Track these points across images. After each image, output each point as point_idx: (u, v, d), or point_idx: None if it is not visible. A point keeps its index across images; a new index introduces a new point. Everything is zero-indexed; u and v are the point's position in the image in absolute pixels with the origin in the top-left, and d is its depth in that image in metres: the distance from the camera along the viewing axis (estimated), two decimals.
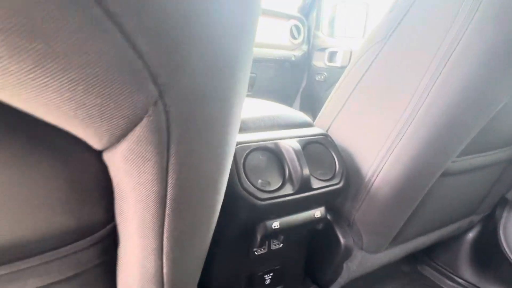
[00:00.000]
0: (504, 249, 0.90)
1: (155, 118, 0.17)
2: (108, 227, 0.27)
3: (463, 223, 0.81)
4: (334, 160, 0.49)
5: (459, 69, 0.38)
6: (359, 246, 0.59)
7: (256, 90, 1.51)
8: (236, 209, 0.41)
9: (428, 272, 1.01)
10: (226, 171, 0.28)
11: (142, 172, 0.19)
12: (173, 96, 0.17)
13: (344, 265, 0.61)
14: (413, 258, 1.00)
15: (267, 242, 0.50)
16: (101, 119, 0.15)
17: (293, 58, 1.51)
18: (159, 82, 0.16)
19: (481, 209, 0.81)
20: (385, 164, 0.48)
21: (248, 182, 0.40)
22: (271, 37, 1.47)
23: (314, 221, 0.48)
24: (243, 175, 0.40)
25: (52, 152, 0.21)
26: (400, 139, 0.45)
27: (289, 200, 0.43)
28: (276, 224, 0.44)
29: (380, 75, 0.48)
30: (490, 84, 0.39)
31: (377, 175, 0.50)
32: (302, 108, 1.70)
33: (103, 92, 0.14)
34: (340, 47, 1.46)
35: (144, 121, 0.17)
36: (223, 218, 0.43)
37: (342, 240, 0.58)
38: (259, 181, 0.42)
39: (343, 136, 0.55)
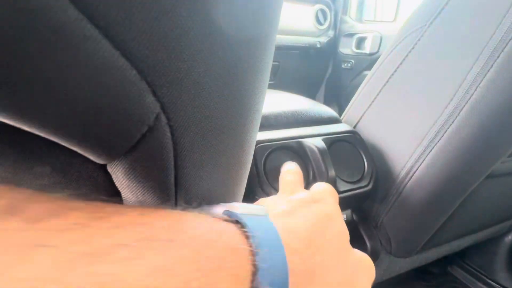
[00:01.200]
0: None
1: (158, 132, 0.14)
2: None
3: (504, 225, 0.74)
4: (363, 160, 0.46)
5: (507, 70, 0.33)
6: (387, 250, 0.55)
7: (279, 79, 1.46)
8: None
9: (460, 274, 0.95)
10: (244, 179, 0.25)
11: (146, 190, 0.17)
12: (177, 108, 0.14)
13: None
14: (444, 258, 0.94)
15: None
16: (98, 139, 0.13)
17: (318, 45, 1.44)
18: (160, 94, 0.13)
19: None
20: (420, 165, 0.44)
21: (269, 184, 0.38)
22: (295, 23, 1.40)
23: None
24: (263, 177, 0.38)
25: (53, 164, 0.19)
26: (440, 138, 0.41)
27: None
28: None
29: (419, 66, 0.43)
30: None
31: (411, 177, 0.46)
32: (327, 98, 1.64)
33: (103, 109, 0.12)
34: (369, 32, 1.37)
35: (147, 136, 0.14)
36: None
37: (368, 243, 0.55)
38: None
39: (373, 133, 0.51)
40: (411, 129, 0.44)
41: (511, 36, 0.32)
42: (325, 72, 1.58)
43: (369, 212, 0.54)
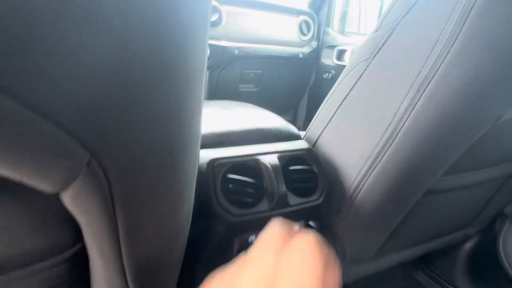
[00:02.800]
0: (503, 262, 0.88)
1: (91, 174, 0.18)
2: (77, 246, 0.29)
3: (457, 235, 0.80)
4: (316, 176, 0.50)
5: (436, 96, 0.38)
6: (342, 257, 0.60)
7: (263, 87, 1.51)
8: (213, 225, 0.43)
9: (423, 278, 1.01)
10: (186, 197, 0.29)
11: (89, 213, 0.21)
12: (107, 153, 0.18)
13: None
14: (409, 263, 1.00)
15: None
16: (36, 179, 0.17)
17: (301, 55, 1.50)
18: (88, 146, 0.17)
19: (477, 222, 0.80)
20: (367, 181, 0.49)
21: (224, 199, 0.42)
22: (279, 33, 1.45)
23: None
24: (219, 191, 0.42)
25: (14, 187, 0.23)
26: (381, 159, 0.46)
27: (265, 216, 0.44)
28: (252, 238, 0.46)
29: (365, 93, 0.47)
30: (471, 111, 0.39)
31: (359, 192, 0.50)
32: (309, 107, 1.69)
33: (32, 162, 0.16)
34: (350, 45, 1.43)
35: (80, 177, 0.18)
36: (200, 233, 0.45)
37: None
38: (236, 197, 0.43)
39: (330, 150, 0.55)
40: (359, 148, 0.49)
41: (433, 75, 0.37)
42: (308, 82, 1.63)
43: (326, 222, 0.58)
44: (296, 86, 1.64)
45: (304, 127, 1.77)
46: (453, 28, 0.35)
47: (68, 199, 0.20)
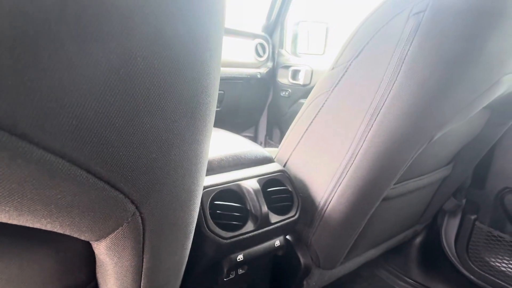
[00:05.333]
0: (446, 251, 1.03)
1: (133, 223, 0.22)
2: (89, 286, 0.31)
3: (408, 233, 0.92)
4: (290, 194, 0.56)
5: (385, 123, 0.47)
6: (316, 264, 0.67)
7: (225, 106, 1.56)
8: (203, 248, 0.46)
9: (384, 275, 1.12)
10: (193, 228, 0.33)
11: (121, 256, 0.25)
12: (149, 205, 0.22)
13: (304, 282, 0.68)
14: (371, 262, 1.10)
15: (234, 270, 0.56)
16: (80, 231, 0.20)
17: (258, 76, 1.59)
18: (136, 201, 0.21)
19: (422, 219, 0.93)
20: (334, 195, 0.56)
21: (214, 224, 0.46)
22: (237, 56, 1.53)
23: (275, 250, 0.55)
24: (209, 217, 0.46)
25: (45, 241, 0.25)
26: (344, 176, 0.53)
27: (251, 236, 0.49)
28: (240, 256, 0.50)
29: (326, 120, 0.55)
30: (411, 134, 0.48)
31: (328, 205, 0.57)
32: (269, 123, 1.78)
33: (81, 217, 0.19)
34: (302, 65, 1.55)
35: (124, 226, 0.22)
36: (191, 256, 0.48)
37: (302, 260, 0.66)
38: (224, 221, 0.47)
39: (299, 169, 0.62)
40: (325, 168, 0.56)
41: (381, 106, 0.46)
42: (266, 100, 1.73)
43: (301, 234, 0.65)
44: (256, 104, 1.72)
45: (265, 143, 1.85)
46: (393, 69, 0.44)
47: (104, 246, 0.24)
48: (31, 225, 0.19)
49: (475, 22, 0.40)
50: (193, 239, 0.44)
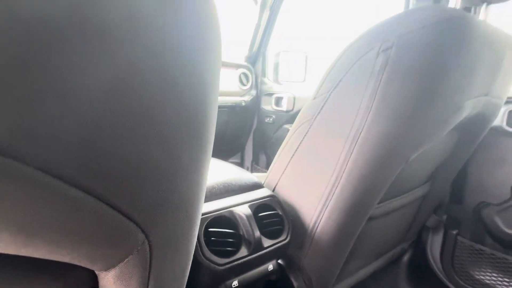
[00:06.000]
0: (433, 267, 1.05)
1: (141, 251, 0.24)
2: None
3: (396, 251, 0.95)
4: (281, 218, 0.59)
5: (365, 146, 0.51)
6: (309, 287, 0.68)
7: None
8: (199, 276, 0.47)
9: None
10: (191, 259, 0.35)
11: (128, 284, 0.26)
12: (156, 233, 0.24)
13: None
14: (362, 283, 1.11)
15: None
16: (89, 261, 0.22)
17: (243, 103, 1.64)
18: (146, 230, 0.23)
19: (408, 237, 0.96)
20: (322, 217, 0.59)
21: (209, 251, 0.47)
22: (222, 85, 1.59)
23: (268, 274, 0.56)
24: (204, 245, 0.47)
25: (51, 269, 0.27)
26: (331, 198, 0.56)
27: (245, 261, 0.50)
28: (235, 283, 0.51)
29: (311, 146, 0.59)
30: (389, 156, 0.52)
31: (317, 227, 0.60)
32: (255, 148, 1.82)
33: (91, 247, 0.21)
34: (285, 92, 1.62)
35: (134, 254, 0.24)
36: (188, 285, 0.48)
37: (294, 283, 0.66)
38: (218, 247, 0.49)
39: (288, 193, 0.65)
40: (312, 191, 0.59)
41: (360, 131, 0.50)
42: (251, 126, 1.78)
43: (293, 257, 0.66)
44: (242, 131, 1.77)
45: (252, 168, 1.87)
46: (368, 99, 0.49)
47: (112, 275, 0.25)
48: (49, 257, 0.21)
49: (435, 56, 0.46)
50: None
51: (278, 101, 1.63)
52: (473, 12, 0.75)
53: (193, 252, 0.35)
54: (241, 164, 1.91)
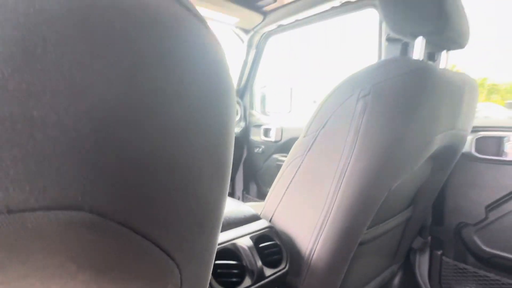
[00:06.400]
0: (422, 287, 1.10)
1: (175, 285, 0.28)
2: None
3: (386, 273, 0.99)
4: (279, 247, 0.63)
5: (351, 180, 0.57)
6: None
7: None
8: None
9: None
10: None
11: None
12: (186, 267, 0.29)
13: None
14: None
15: None
16: None
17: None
18: (180, 265, 0.28)
19: (396, 259, 1.01)
20: (317, 245, 0.64)
21: (216, 283, 0.51)
22: None
23: None
24: (211, 279, 0.51)
25: None
26: (325, 227, 0.62)
27: None
28: None
29: (303, 180, 0.65)
30: (373, 187, 0.59)
31: (313, 254, 0.65)
32: (245, 177, 1.86)
33: (144, 283, 0.26)
34: (273, 123, 1.70)
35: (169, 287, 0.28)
36: None
37: None
38: (224, 279, 0.52)
39: (284, 223, 0.70)
40: (307, 221, 0.65)
41: (346, 168, 0.57)
42: (241, 157, 1.83)
43: (291, 284, 0.70)
44: (232, 161, 1.82)
45: (243, 197, 1.91)
46: (352, 138, 0.56)
47: None
48: None
49: (404, 100, 0.55)
50: None
51: (266, 132, 1.71)
52: (436, 57, 0.86)
53: (208, 285, 0.40)
54: (232, 194, 1.94)
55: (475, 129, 0.96)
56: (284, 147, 1.63)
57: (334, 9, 1.28)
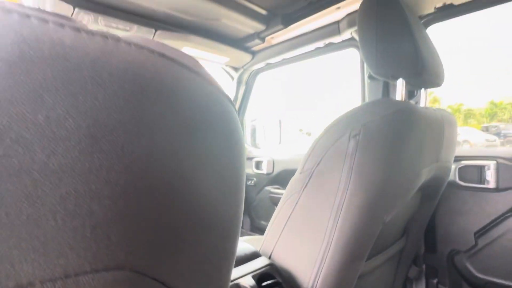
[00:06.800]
0: None
1: None
2: None
3: None
4: (281, 285, 0.64)
5: (348, 215, 0.60)
6: None
7: None
8: None
9: None
10: None
11: None
12: None
13: None
14: None
15: None
16: None
17: None
18: None
19: None
20: (318, 280, 0.64)
21: None
22: None
23: None
24: None
25: None
26: (324, 262, 0.63)
27: None
28: None
29: (301, 216, 0.67)
30: (369, 221, 0.62)
31: None
32: None
33: None
34: (264, 156, 1.74)
35: None
36: None
37: None
38: None
39: (284, 259, 0.71)
40: (306, 257, 0.66)
41: (342, 203, 0.60)
42: None
43: None
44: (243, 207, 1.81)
45: None
46: (346, 176, 0.60)
47: None
48: None
49: (391, 138, 0.59)
50: None
51: (258, 164, 1.74)
52: (416, 93, 0.94)
53: None
54: None
55: (458, 159, 1.02)
56: (277, 179, 1.66)
57: (318, 49, 1.37)
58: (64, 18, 0.17)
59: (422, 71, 0.68)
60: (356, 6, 1.12)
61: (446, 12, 0.99)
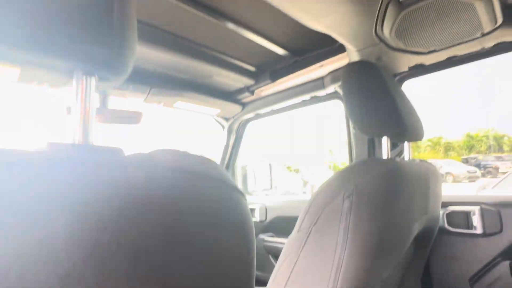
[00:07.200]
0: None
1: None
2: None
3: None
4: None
5: (347, 276, 0.61)
6: None
7: None
8: None
9: None
10: None
11: None
12: None
13: None
14: None
15: None
16: None
17: None
18: None
19: None
20: None
21: None
22: None
23: None
24: None
25: None
26: None
27: None
28: None
29: (300, 274, 0.68)
30: (368, 279, 0.63)
31: None
32: None
33: None
34: (256, 203, 1.74)
35: None
36: None
37: None
38: None
39: None
40: None
41: (340, 265, 0.61)
42: None
43: None
44: None
45: None
46: (343, 235, 0.62)
47: None
48: None
49: (383, 196, 0.63)
50: None
51: (251, 212, 1.73)
52: (399, 144, 1.00)
53: None
54: None
55: (444, 204, 1.06)
56: (270, 227, 1.65)
57: (305, 101, 1.46)
58: None
59: (404, 130, 0.74)
60: (338, 64, 1.22)
61: (419, 70, 1.09)
